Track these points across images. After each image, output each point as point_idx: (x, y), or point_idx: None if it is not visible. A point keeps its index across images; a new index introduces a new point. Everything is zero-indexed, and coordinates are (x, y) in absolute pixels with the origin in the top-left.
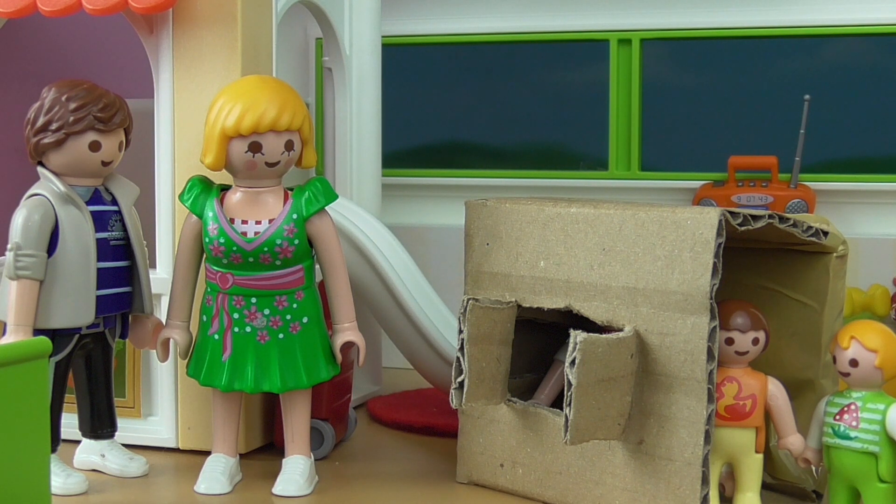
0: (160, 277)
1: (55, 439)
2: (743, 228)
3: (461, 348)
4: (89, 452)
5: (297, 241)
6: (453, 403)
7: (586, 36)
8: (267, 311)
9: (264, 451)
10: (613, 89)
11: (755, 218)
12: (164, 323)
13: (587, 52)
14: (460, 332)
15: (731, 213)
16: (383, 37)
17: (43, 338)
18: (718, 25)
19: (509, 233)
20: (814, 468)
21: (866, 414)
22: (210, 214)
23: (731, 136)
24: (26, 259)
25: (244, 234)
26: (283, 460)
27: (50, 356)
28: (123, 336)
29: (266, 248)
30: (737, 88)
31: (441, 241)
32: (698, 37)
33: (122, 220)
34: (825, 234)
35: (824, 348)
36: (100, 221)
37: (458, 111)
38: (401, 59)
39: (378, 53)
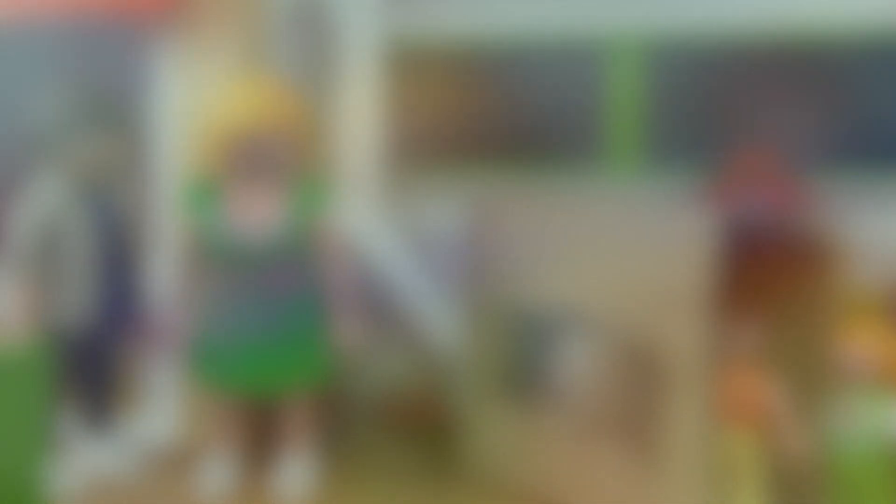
0: (160, 277)
1: (55, 437)
2: (743, 228)
3: (451, 347)
4: (89, 452)
5: (297, 242)
6: (446, 403)
7: (586, 36)
8: (267, 312)
9: (264, 451)
10: (613, 89)
11: (755, 218)
12: (164, 323)
13: (587, 52)
14: (453, 332)
15: (730, 213)
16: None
17: (42, 338)
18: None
19: (510, 233)
20: (813, 469)
21: (866, 414)
22: (210, 215)
23: (730, 136)
24: (26, 259)
25: (244, 234)
26: (284, 460)
27: (49, 357)
28: (124, 336)
29: (266, 249)
30: (736, 88)
31: (441, 242)
32: (699, 37)
33: (121, 220)
34: (825, 234)
35: (825, 349)
36: (100, 221)
37: (457, 111)
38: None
39: (378, 54)
